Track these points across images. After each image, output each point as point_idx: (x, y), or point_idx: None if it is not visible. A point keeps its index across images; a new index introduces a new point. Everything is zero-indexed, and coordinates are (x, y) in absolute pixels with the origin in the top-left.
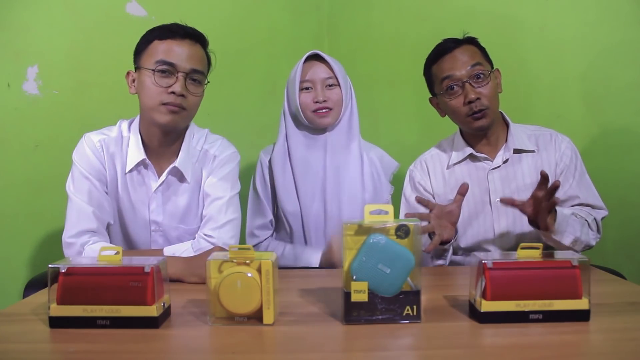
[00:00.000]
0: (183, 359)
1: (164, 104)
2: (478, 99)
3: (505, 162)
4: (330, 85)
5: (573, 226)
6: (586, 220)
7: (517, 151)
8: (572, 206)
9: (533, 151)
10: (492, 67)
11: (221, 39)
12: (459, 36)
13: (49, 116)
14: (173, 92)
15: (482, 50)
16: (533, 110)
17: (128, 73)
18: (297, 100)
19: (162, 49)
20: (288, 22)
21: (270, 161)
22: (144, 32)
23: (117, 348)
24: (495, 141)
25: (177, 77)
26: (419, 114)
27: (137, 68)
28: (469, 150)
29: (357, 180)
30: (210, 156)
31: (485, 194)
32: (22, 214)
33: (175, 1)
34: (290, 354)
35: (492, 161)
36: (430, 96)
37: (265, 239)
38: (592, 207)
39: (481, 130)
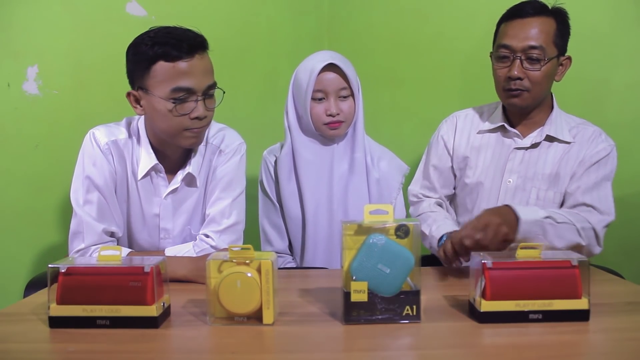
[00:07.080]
0: (183, 359)
1: (186, 129)
2: (519, 78)
3: (533, 145)
4: (344, 97)
5: (544, 232)
6: (574, 225)
7: (550, 138)
8: (573, 206)
9: (568, 142)
10: (561, 53)
11: (221, 38)
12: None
13: (49, 116)
14: (197, 118)
15: (561, 28)
16: None
17: (128, 94)
18: (309, 111)
19: (174, 74)
20: (288, 22)
21: (276, 162)
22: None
23: (117, 348)
24: (533, 123)
25: (196, 101)
26: (419, 114)
27: (142, 89)
28: (501, 122)
29: (363, 190)
30: (215, 149)
31: (501, 171)
32: (22, 214)
33: (175, 1)
34: (290, 354)
35: (521, 139)
36: (491, 51)
37: (284, 254)
38: (596, 210)
39: (513, 108)
